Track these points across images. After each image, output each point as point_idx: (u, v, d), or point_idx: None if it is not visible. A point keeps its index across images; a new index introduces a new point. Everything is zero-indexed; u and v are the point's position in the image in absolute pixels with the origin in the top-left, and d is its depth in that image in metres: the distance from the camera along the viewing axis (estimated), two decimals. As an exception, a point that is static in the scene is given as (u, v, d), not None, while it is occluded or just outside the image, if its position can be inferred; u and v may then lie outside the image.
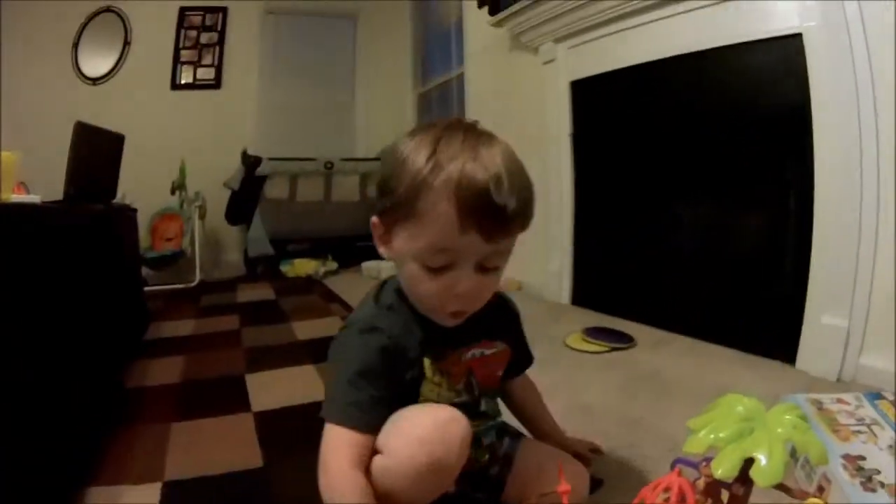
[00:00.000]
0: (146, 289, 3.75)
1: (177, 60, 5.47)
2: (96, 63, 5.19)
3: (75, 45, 5.12)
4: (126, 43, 5.26)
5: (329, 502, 1.00)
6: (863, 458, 1.23)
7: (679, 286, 2.76)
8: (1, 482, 1.34)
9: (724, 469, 0.84)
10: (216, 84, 5.58)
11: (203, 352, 2.74)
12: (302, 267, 4.61)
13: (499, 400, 1.34)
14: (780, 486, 0.88)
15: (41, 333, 1.65)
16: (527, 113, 3.78)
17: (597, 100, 3.23)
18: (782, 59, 2.18)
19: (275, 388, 2.23)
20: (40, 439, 1.53)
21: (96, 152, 2.67)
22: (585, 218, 3.38)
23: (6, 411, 1.41)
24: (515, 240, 1.07)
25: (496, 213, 0.96)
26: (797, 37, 2.10)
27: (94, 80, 5.18)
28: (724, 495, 0.94)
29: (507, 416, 1.46)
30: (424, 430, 0.99)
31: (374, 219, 1.08)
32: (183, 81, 5.51)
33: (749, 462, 0.84)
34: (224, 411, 2.04)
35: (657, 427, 1.73)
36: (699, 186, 2.64)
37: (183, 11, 5.46)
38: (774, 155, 2.26)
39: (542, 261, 3.61)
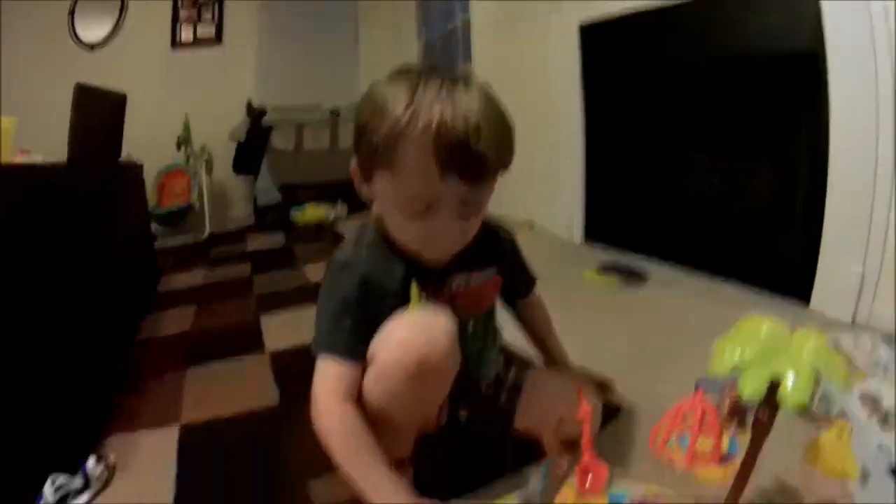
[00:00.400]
0: (156, 245, 3.72)
1: (175, 19, 5.37)
2: (94, 28, 5.08)
3: (72, 13, 5.01)
4: (123, 6, 5.16)
5: (319, 434, 1.01)
6: (879, 398, 1.19)
7: (694, 225, 2.69)
8: (21, 437, 1.34)
9: (749, 390, 0.82)
10: (217, 39, 5.48)
11: (215, 300, 2.73)
12: (312, 213, 4.51)
13: (499, 325, 1.34)
14: (805, 413, 0.87)
15: (51, 288, 1.63)
16: (534, 54, 3.70)
17: (607, 42, 3.11)
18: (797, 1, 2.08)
19: (288, 329, 2.21)
20: (56, 395, 1.52)
21: (98, 113, 2.62)
22: (598, 155, 3.29)
23: (24, 366, 1.41)
24: (496, 180, 1.05)
25: (476, 160, 0.96)
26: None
27: (93, 46, 5.08)
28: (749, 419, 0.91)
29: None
30: (408, 331, 1.00)
31: (353, 165, 1.07)
32: (183, 40, 5.41)
33: (775, 385, 0.82)
34: (238, 354, 2.04)
35: (672, 364, 1.69)
36: (715, 127, 2.55)
37: (179, -30, 5.34)
38: (790, 97, 2.17)
39: (553, 199, 3.55)
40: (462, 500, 1.20)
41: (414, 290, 1.09)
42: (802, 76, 2.06)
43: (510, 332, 1.44)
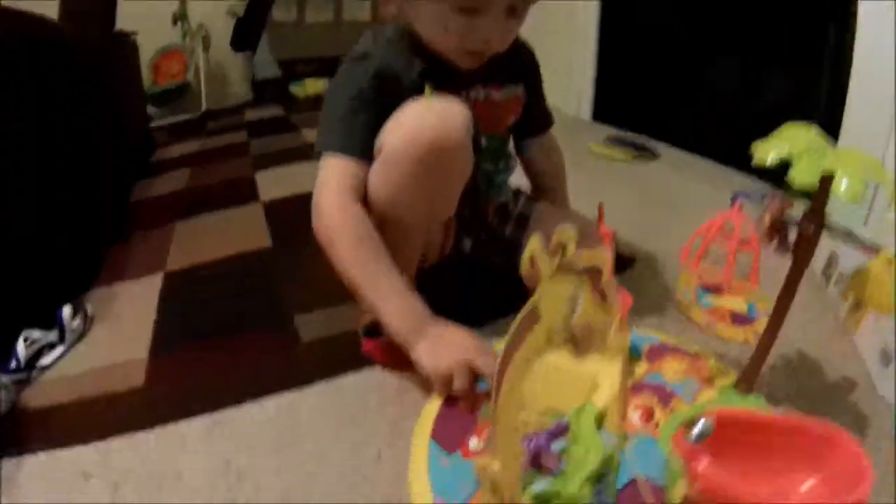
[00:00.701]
0: (151, 125, 3.57)
1: None
2: None
3: None
4: None
5: (323, 238, 0.96)
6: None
7: (708, 115, 2.51)
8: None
9: (802, 178, 0.73)
10: None
11: (210, 163, 2.61)
12: (313, 87, 4.34)
13: (513, 153, 1.29)
14: (850, 236, 0.86)
15: (37, 140, 1.49)
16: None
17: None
18: None
19: (285, 182, 2.11)
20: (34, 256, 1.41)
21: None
22: (613, 33, 3.04)
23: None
24: None
25: None
26: None
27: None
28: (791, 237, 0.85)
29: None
30: (420, 115, 0.93)
31: None
32: None
33: (826, 182, 0.75)
34: (232, 205, 1.95)
35: (678, 235, 1.55)
36: (738, 19, 2.35)
37: None
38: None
39: (563, 73, 3.30)
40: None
41: (428, 89, 1.01)
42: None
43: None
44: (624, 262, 1.38)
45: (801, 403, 0.95)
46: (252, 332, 1.23)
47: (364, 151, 0.96)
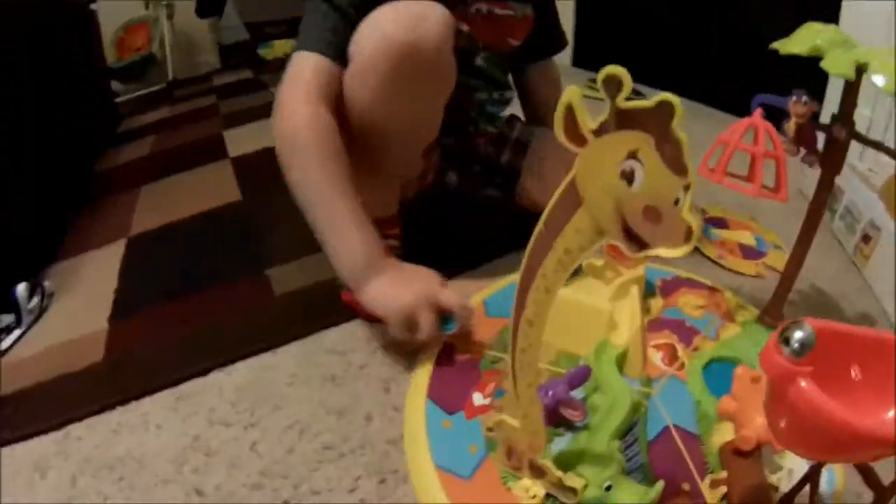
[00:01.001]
0: (117, 100, 3.44)
1: None
2: None
3: None
4: None
5: (279, 142, 0.86)
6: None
7: (689, 54, 2.46)
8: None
9: (836, 67, 0.70)
10: None
11: (177, 127, 2.51)
12: (281, 48, 4.22)
13: (511, 85, 1.22)
14: (878, 144, 0.77)
15: None
16: None
17: None
18: None
19: (254, 138, 2.00)
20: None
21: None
22: None
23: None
24: None
25: None
26: None
27: None
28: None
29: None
30: (395, 16, 0.83)
31: None
32: None
33: (854, 90, 0.74)
34: (200, 164, 1.86)
35: None
36: None
37: None
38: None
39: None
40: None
41: None
42: None
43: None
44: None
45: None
46: (219, 289, 1.14)
47: (341, 54, 0.86)
